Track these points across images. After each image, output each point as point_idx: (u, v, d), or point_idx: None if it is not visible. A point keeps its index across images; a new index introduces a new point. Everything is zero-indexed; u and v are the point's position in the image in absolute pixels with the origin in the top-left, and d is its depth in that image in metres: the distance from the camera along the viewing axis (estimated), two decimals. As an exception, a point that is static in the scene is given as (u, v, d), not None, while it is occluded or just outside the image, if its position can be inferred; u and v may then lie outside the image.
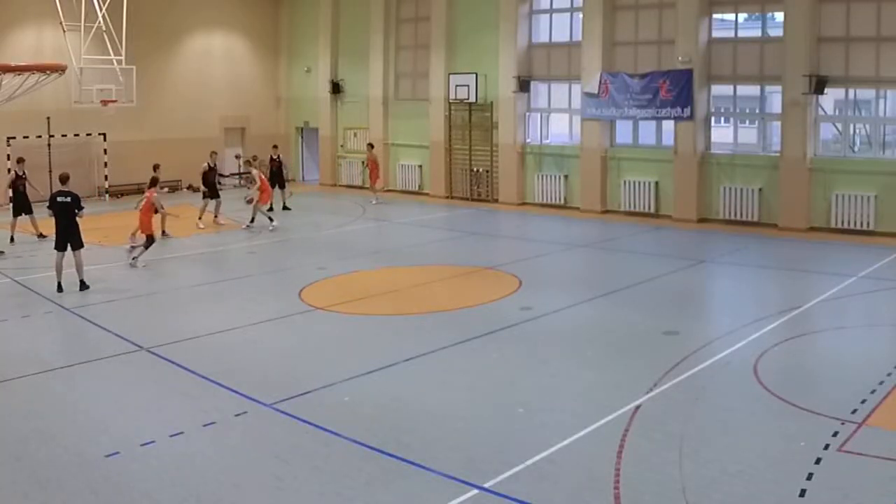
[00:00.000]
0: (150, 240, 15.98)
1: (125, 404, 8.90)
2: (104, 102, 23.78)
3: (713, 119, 22.18)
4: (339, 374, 9.60)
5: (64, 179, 14.30)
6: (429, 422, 8.29)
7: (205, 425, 8.18)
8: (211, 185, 20.99)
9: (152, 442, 7.75)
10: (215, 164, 21.69)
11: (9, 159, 23.99)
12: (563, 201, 23.82)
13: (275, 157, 23.12)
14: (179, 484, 6.94)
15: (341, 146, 29.76)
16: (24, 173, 19.00)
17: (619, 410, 8.39)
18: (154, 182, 16.74)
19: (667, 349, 10.52)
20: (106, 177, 26.18)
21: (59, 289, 13.66)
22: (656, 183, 22.12)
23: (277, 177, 23.15)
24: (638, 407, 8.52)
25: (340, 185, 29.20)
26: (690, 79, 20.94)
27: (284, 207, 23.02)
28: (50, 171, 25.05)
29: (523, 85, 24.36)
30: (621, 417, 8.23)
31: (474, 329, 11.48)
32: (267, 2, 31.15)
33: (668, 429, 7.93)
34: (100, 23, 23.47)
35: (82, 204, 13.97)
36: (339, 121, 29.83)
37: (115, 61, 23.82)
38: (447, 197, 26.05)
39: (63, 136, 25.22)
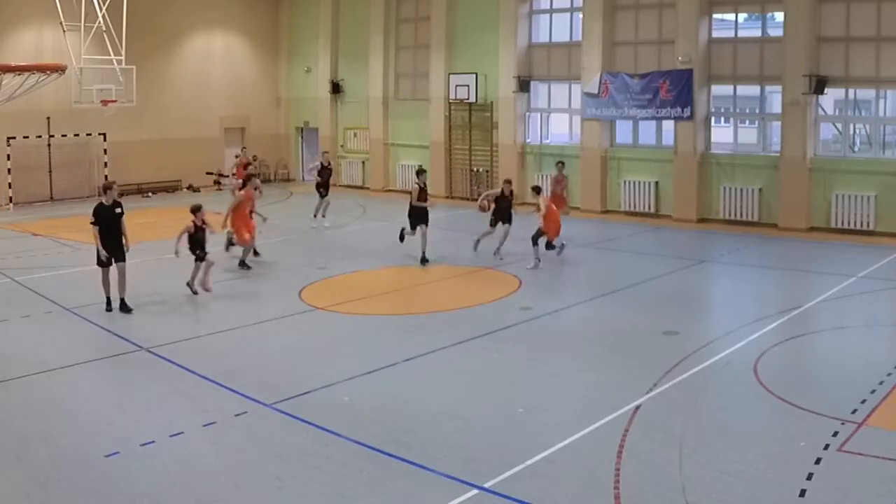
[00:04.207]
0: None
1: (125, 404, 8.91)
2: (104, 102, 23.77)
3: (713, 119, 22.19)
4: (339, 374, 9.60)
5: (103, 189, 13.07)
6: (429, 422, 8.29)
7: (205, 425, 8.18)
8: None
9: (152, 442, 7.74)
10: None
11: (9, 159, 24.07)
12: (563, 201, 23.79)
13: (325, 163, 21.34)
14: (179, 484, 6.94)
15: (341, 146, 29.76)
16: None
17: (619, 410, 8.40)
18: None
19: (667, 349, 10.52)
20: (106, 177, 26.11)
21: (108, 305, 12.70)
22: (656, 183, 22.13)
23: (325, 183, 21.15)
24: (638, 407, 8.52)
25: (341, 185, 29.17)
26: (690, 79, 20.95)
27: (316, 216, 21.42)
28: (50, 172, 25.13)
29: (523, 85, 24.37)
30: (621, 417, 8.23)
31: (474, 329, 11.48)
32: (267, 2, 31.16)
33: (668, 429, 7.93)
34: (100, 23, 23.46)
35: (92, 217, 12.55)
36: (339, 121, 29.84)
37: (115, 61, 23.81)
38: (447, 197, 26.04)
39: (63, 136, 25.23)
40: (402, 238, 16.74)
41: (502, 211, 16.80)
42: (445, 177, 26.25)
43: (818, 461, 7.16)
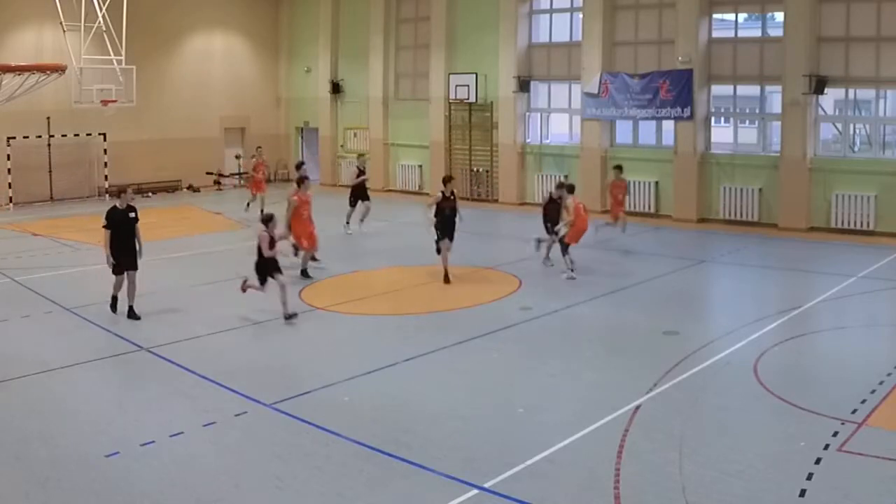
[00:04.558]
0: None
1: (125, 404, 8.91)
2: (104, 102, 23.76)
3: (713, 119, 22.19)
4: (339, 374, 9.61)
5: (117, 193, 12.99)
6: (429, 422, 8.29)
7: (205, 425, 8.19)
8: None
9: (152, 442, 7.75)
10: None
11: (9, 159, 24.06)
12: (563, 201, 23.79)
13: (361, 167, 20.36)
14: (179, 484, 6.94)
15: (341, 146, 29.76)
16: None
17: (619, 410, 8.40)
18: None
19: (667, 349, 10.52)
20: (106, 177, 26.15)
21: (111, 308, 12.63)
22: (656, 183, 22.12)
23: (361, 189, 19.99)
24: (638, 407, 8.52)
25: (341, 185, 29.15)
26: (690, 79, 20.95)
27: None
28: (50, 172, 25.12)
29: (523, 85, 24.37)
30: (621, 417, 8.24)
31: (474, 329, 11.48)
32: (267, 2, 31.15)
33: (668, 429, 7.93)
34: (100, 23, 23.45)
35: (104, 221, 12.29)
36: (339, 121, 29.83)
37: (115, 61, 23.80)
38: (447, 197, 26.01)
39: (63, 136, 25.23)
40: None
41: (549, 216, 16.02)
42: (445, 177, 26.24)
43: (818, 461, 7.17)
